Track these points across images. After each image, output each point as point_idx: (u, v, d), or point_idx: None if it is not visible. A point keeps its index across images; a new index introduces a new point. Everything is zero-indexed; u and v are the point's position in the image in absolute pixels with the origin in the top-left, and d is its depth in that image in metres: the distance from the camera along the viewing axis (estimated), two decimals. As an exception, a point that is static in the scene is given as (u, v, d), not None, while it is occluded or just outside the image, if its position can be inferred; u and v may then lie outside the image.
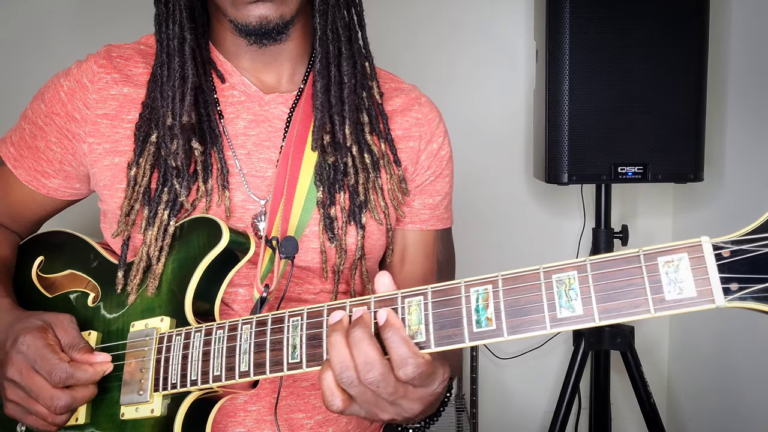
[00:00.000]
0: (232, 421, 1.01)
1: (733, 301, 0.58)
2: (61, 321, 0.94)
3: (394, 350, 0.72)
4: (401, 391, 0.74)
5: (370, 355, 0.72)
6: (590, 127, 1.90)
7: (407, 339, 0.73)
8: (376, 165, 1.06)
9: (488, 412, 2.52)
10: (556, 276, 0.67)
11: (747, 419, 2.01)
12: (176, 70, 0.99)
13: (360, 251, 1.06)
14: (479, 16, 2.44)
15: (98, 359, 0.93)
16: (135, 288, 0.98)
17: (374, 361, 0.72)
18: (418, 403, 0.75)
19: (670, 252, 0.61)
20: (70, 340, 0.93)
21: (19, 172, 1.08)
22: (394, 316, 0.74)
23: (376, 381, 0.72)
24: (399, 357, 0.72)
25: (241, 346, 0.84)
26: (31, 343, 0.90)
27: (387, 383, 0.72)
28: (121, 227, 1.01)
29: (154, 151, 1.00)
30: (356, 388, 0.73)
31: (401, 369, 0.72)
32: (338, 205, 1.04)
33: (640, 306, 0.62)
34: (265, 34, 0.97)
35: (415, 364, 0.72)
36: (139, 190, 1.00)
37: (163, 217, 0.99)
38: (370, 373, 0.72)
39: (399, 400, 0.74)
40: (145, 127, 1.01)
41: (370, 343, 0.72)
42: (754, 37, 1.99)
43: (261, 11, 0.94)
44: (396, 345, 0.72)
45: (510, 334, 0.68)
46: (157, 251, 0.97)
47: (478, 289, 0.71)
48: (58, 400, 0.88)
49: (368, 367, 0.72)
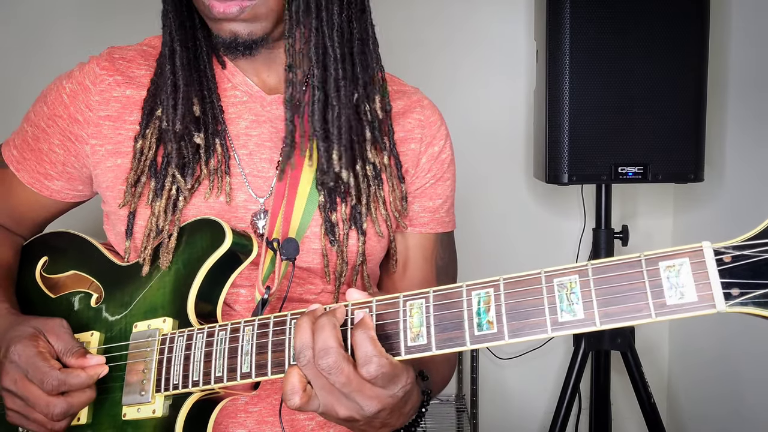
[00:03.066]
0: (233, 423, 1.01)
1: (734, 306, 0.58)
2: (53, 327, 0.95)
3: (360, 347, 0.74)
4: (355, 384, 0.75)
5: (328, 341, 0.74)
6: (590, 127, 1.90)
7: (375, 339, 0.75)
8: (379, 176, 1.05)
9: (488, 413, 2.53)
10: (557, 280, 0.67)
11: (747, 419, 2.01)
12: (167, 77, 1.01)
13: (361, 257, 1.06)
14: (479, 16, 2.44)
15: (92, 362, 0.93)
16: (147, 259, 0.99)
17: (331, 348, 0.74)
18: (375, 401, 0.76)
19: (672, 257, 0.62)
20: (63, 345, 0.93)
21: (22, 174, 1.08)
22: (368, 318, 0.77)
23: (329, 367, 0.74)
24: (364, 355, 0.74)
25: (243, 348, 0.84)
26: (21, 352, 0.90)
27: (340, 372, 0.74)
28: (127, 198, 1.01)
29: (160, 125, 1.01)
30: (310, 371, 0.76)
31: (364, 367, 0.74)
32: (339, 213, 1.04)
33: (642, 310, 0.62)
34: (234, 48, 0.98)
35: (378, 363, 0.73)
36: (146, 162, 1.00)
37: (171, 191, 1.00)
38: (325, 359, 0.74)
39: (353, 394, 0.75)
40: (151, 100, 1.02)
41: (332, 332, 0.75)
42: (754, 37, 1.99)
43: (231, 27, 0.95)
44: (363, 343, 0.74)
45: (511, 338, 0.68)
46: (167, 224, 0.98)
47: (479, 292, 0.71)
48: (54, 407, 0.88)
49: (324, 352, 0.74)
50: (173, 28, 1.01)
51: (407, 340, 0.74)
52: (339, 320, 0.78)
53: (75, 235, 1.12)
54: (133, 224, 1.03)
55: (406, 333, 0.74)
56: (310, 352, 0.75)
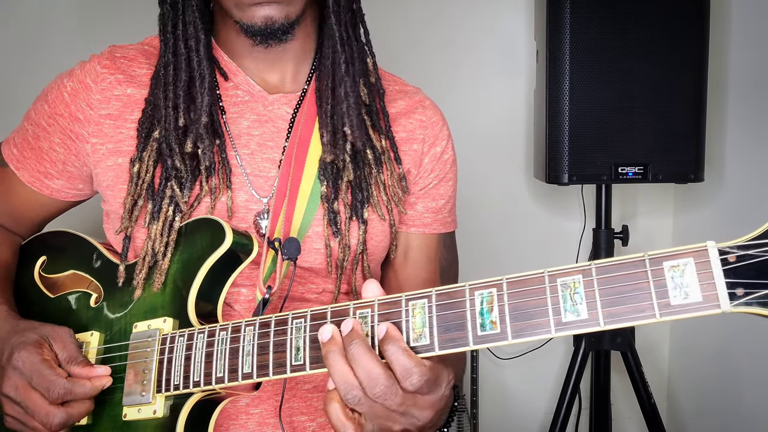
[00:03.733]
0: (234, 424, 1.01)
1: (738, 306, 0.58)
2: (60, 334, 0.94)
3: (396, 362, 0.71)
4: (410, 400, 0.73)
5: (372, 369, 0.71)
6: (590, 127, 1.90)
7: (408, 349, 0.72)
8: (379, 160, 1.06)
9: (488, 413, 2.52)
10: (561, 280, 0.66)
11: (747, 419, 2.01)
12: (194, 69, 1.00)
13: (362, 246, 1.06)
14: (480, 16, 2.44)
15: (97, 372, 0.93)
16: (141, 283, 0.98)
17: (378, 375, 0.71)
18: (429, 410, 0.75)
19: (676, 257, 0.61)
20: (68, 354, 0.93)
21: (22, 173, 1.08)
22: (393, 329, 0.73)
23: (383, 394, 0.71)
24: (403, 369, 0.71)
25: (244, 348, 0.84)
26: (26, 359, 0.89)
27: (394, 394, 0.72)
28: (124, 223, 1.01)
29: (157, 147, 1.00)
30: (364, 405, 0.73)
31: (407, 380, 0.71)
32: (341, 201, 1.04)
33: (646, 311, 0.62)
34: (270, 34, 0.97)
35: (419, 373, 0.71)
36: (143, 185, 1.00)
37: (168, 213, 0.99)
38: (377, 388, 0.71)
39: (409, 409, 0.73)
40: (148, 123, 1.01)
41: (371, 357, 0.72)
42: (754, 37, 1.99)
43: (266, 12, 0.95)
44: (398, 357, 0.71)
45: (514, 338, 0.68)
46: (162, 247, 0.98)
47: (482, 292, 0.71)
48: (53, 417, 0.88)
49: (373, 382, 0.71)
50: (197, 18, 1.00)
51: (410, 341, 0.74)
52: (363, 337, 0.74)
53: (74, 234, 1.11)
54: (128, 249, 1.02)
55: (408, 333, 0.74)
56: (358, 390, 0.72)
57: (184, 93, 1.00)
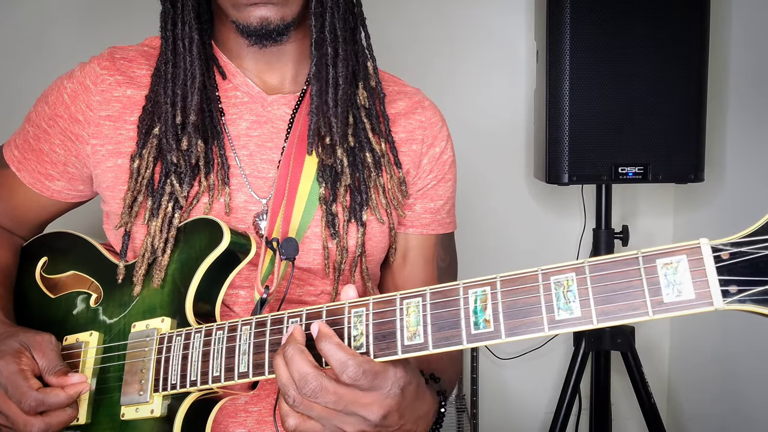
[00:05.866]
0: (233, 422, 1.01)
1: (732, 303, 0.58)
2: (40, 343, 0.95)
3: (332, 357, 0.74)
4: (347, 396, 0.74)
5: (302, 368, 0.74)
6: (591, 127, 1.90)
7: (342, 344, 0.75)
8: (378, 164, 1.06)
9: (488, 413, 2.52)
10: (554, 278, 0.66)
11: (747, 420, 2.01)
12: (186, 69, 1.00)
13: (360, 248, 1.06)
14: (480, 16, 2.44)
15: (72, 380, 0.93)
16: (140, 280, 0.98)
17: (307, 374, 0.74)
18: (375, 407, 0.76)
19: (669, 254, 0.61)
20: (47, 363, 0.93)
21: (23, 174, 1.08)
22: (325, 326, 0.76)
23: (314, 392, 0.74)
24: (338, 362, 0.74)
25: (240, 347, 0.84)
26: (3, 369, 0.90)
27: (325, 392, 0.74)
28: (124, 218, 1.01)
29: (157, 143, 1.01)
30: (301, 405, 0.75)
31: (344, 373, 0.73)
32: (339, 203, 1.04)
33: (639, 308, 0.62)
34: (265, 35, 0.98)
35: (355, 364, 0.73)
36: (142, 182, 1.00)
37: (167, 209, 0.99)
38: (306, 386, 0.74)
39: (351, 407, 0.75)
40: (148, 119, 1.01)
41: (302, 358, 0.75)
42: (754, 37, 1.99)
43: (262, 13, 0.95)
44: (332, 352, 0.74)
45: (508, 336, 0.68)
46: (162, 243, 0.98)
47: (476, 290, 0.71)
48: (31, 426, 0.89)
49: (303, 381, 0.74)
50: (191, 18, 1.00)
51: (404, 339, 0.74)
52: (301, 341, 0.77)
53: (75, 235, 1.12)
54: (127, 246, 1.03)
55: (402, 332, 0.74)
56: (293, 390, 0.75)
57: (181, 91, 1.00)
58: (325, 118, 1.01)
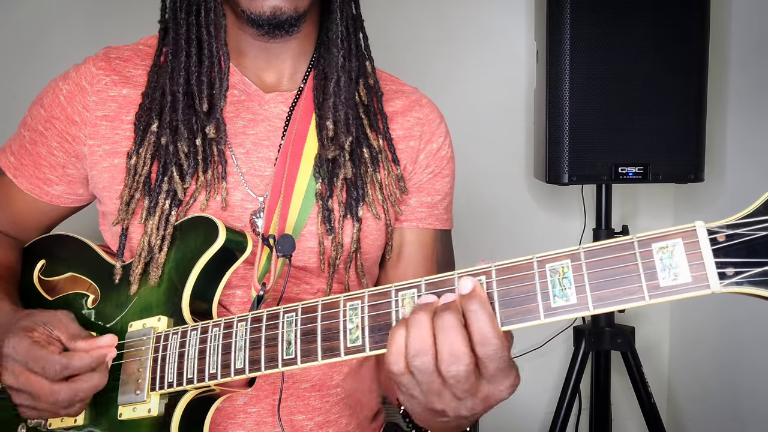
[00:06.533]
0: (232, 423, 1.01)
1: (728, 286, 0.57)
2: (59, 318, 0.93)
3: (475, 326, 0.65)
4: (475, 387, 0.67)
5: (458, 346, 0.65)
6: (591, 127, 1.90)
7: (493, 317, 0.66)
8: (375, 159, 1.06)
9: (488, 412, 2.51)
10: (549, 265, 0.66)
11: (747, 420, 2.01)
12: (213, 55, 0.99)
13: (355, 244, 1.05)
14: (480, 16, 2.44)
15: (100, 342, 0.90)
16: (137, 278, 0.98)
17: (462, 354, 0.65)
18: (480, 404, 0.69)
19: (665, 238, 0.61)
20: (67, 334, 0.91)
21: (20, 181, 1.07)
22: (480, 288, 0.67)
23: (459, 376, 0.65)
24: (481, 335, 0.65)
25: (236, 343, 0.84)
26: (16, 345, 0.88)
27: (468, 379, 0.66)
28: (121, 215, 1.01)
29: (155, 141, 1.00)
30: (427, 375, 0.66)
31: (483, 346, 0.65)
32: (336, 198, 1.03)
33: (635, 293, 0.61)
34: (277, 25, 0.97)
35: (497, 345, 0.65)
36: (139, 179, 1.00)
37: (164, 207, 0.98)
38: (454, 366, 0.65)
39: (467, 397, 0.68)
40: (146, 116, 1.01)
41: (461, 334, 0.65)
42: (754, 37, 1.99)
43: (275, 2, 0.95)
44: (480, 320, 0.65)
45: (504, 325, 0.67)
46: (159, 240, 0.97)
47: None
48: (58, 393, 0.86)
49: (453, 359, 0.65)
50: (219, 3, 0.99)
51: None
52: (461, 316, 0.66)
53: (71, 237, 1.11)
54: (124, 245, 1.02)
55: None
56: (430, 358, 0.65)
57: (207, 78, 0.99)
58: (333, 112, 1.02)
